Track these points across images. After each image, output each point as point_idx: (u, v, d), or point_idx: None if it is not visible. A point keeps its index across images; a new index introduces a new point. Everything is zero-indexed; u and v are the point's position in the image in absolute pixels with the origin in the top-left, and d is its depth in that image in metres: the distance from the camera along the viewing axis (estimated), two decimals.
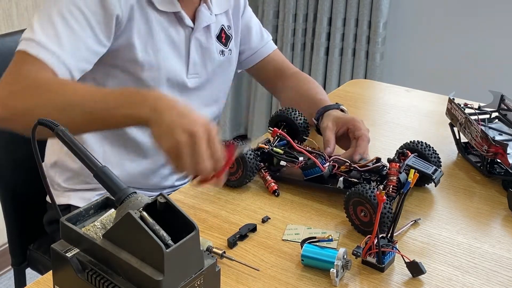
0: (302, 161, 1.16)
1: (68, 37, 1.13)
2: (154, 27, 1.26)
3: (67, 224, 0.70)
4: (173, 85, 1.31)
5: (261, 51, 1.56)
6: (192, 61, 1.34)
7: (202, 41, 1.36)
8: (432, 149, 1.20)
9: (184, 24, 1.31)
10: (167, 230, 0.65)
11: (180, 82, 1.33)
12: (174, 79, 1.31)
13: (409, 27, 2.78)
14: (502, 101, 1.36)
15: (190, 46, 1.33)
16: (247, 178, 1.17)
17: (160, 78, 1.28)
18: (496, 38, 2.58)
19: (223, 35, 1.42)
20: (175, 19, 1.30)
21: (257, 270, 0.95)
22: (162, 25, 1.27)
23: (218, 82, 1.44)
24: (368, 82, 1.97)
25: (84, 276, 0.69)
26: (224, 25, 1.42)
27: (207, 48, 1.37)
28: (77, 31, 1.14)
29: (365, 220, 1.03)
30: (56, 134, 0.73)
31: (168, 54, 1.29)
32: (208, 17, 1.35)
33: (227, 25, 1.44)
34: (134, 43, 1.23)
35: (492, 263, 0.99)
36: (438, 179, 1.13)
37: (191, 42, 1.33)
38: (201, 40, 1.36)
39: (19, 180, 1.48)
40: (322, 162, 1.15)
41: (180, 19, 1.30)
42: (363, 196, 1.01)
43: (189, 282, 0.67)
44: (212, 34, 1.38)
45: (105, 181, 0.71)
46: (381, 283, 0.93)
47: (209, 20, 1.35)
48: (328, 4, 2.82)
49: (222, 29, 1.42)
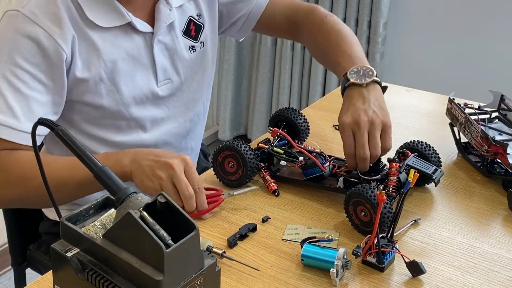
0: (302, 160, 1.16)
1: (19, 103, 1.10)
2: (102, 49, 1.17)
3: (67, 224, 0.70)
4: (142, 100, 1.25)
5: (256, 7, 1.41)
6: (160, 67, 1.25)
7: (167, 42, 1.26)
8: (433, 149, 1.20)
9: (139, 32, 1.21)
10: (167, 230, 0.65)
11: (150, 94, 1.25)
12: (142, 94, 1.24)
13: (409, 27, 2.78)
14: (502, 101, 1.36)
15: (153, 52, 1.23)
16: (247, 178, 1.17)
17: (124, 98, 1.22)
18: (496, 38, 2.58)
19: (192, 27, 1.30)
20: (129, 28, 1.20)
21: (257, 270, 0.95)
22: (112, 43, 1.18)
23: (195, 81, 1.34)
24: None
25: (84, 276, 0.69)
26: (192, 16, 1.31)
27: (174, 48, 1.27)
28: (26, 93, 1.11)
29: (365, 220, 1.02)
30: (56, 134, 0.73)
31: (126, 71, 1.21)
32: (167, 15, 1.23)
33: (196, 14, 1.32)
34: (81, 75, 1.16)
35: (492, 263, 0.99)
36: (438, 179, 1.13)
37: (154, 47, 1.23)
38: (166, 41, 1.25)
39: None
40: (322, 162, 1.15)
41: (133, 28, 1.20)
42: (363, 196, 1.01)
43: (189, 282, 0.67)
44: (177, 32, 1.27)
45: (105, 181, 0.71)
46: (381, 283, 0.93)
47: (169, 18, 1.24)
48: (328, 4, 2.82)
49: (190, 21, 1.30)
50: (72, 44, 1.14)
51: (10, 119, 1.10)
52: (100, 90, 1.19)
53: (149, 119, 1.28)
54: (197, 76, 1.35)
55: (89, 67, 1.17)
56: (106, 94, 1.20)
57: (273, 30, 1.49)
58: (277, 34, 1.52)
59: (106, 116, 1.24)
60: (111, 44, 1.18)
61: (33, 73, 1.12)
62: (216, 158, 1.18)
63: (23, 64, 1.11)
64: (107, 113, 1.23)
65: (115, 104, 1.22)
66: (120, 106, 1.23)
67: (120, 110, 1.23)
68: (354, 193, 1.03)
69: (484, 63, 2.62)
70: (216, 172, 1.19)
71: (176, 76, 1.29)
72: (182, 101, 1.33)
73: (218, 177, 1.19)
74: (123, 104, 1.23)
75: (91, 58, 1.17)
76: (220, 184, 1.19)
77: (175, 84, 1.30)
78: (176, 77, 1.29)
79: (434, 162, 1.18)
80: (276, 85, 3.09)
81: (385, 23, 2.75)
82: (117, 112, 1.23)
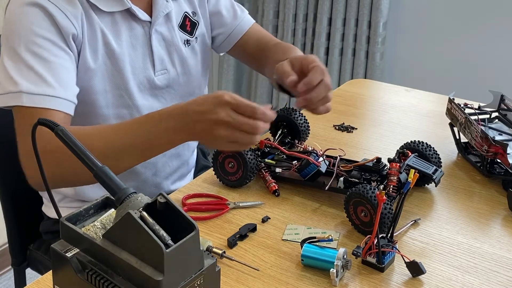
0: (296, 163, 1.16)
1: (48, 72, 1.10)
2: (105, 32, 1.19)
3: (67, 224, 0.70)
4: (140, 88, 1.26)
5: (237, 29, 1.46)
6: (158, 56, 1.28)
7: (164, 32, 1.29)
8: (433, 149, 1.20)
9: (138, 19, 1.24)
10: (167, 230, 0.65)
11: (147, 82, 1.27)
12: (140, 81, 1.26)
13: (409, 27, 2.78)
14: (502, 101, 1.36)
15: (151, 41, 1.26)
16: (247, 178, 1.17)
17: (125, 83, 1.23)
18: (496, 38, 2.58)
19: (188, 23, 1.34)
20: (128, 15, 1.23)
21: (257, 270, 0.95)
22: (113, 27, 1.21)
23: (191, 75, 1.36)
24: (368, 82, 1.97)
25: (84, 276, 0.69)
26: (187, 12, 1.34)
27: (170, 40, 1.30)
28: (52, 59, 1.11)
29: (365, 220, 1.02)
30: (56, 134, 0.73)
31: (126, 56, 1.23)
32: (164, 5, 1.27)
33: (191, 12, 1.36)
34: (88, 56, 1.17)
35: (492, 263, 0.99)
36: (438, 179, 1.13)
37: (152, 36, 1.26)
38: (162, 31, 1.29)
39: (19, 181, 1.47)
40: (315, 158, 1.15)
41: (133, 15, 1.23)
42: (364, 197, 1.01)
43: (189, 282, 0.67)
44: (174, 24, 1.31)
45: (105, 181, 0.71)
46: (381, 283, 0.93)
47: (166, 9, 1.27)
48: (328, 4, 2.82)
49: (186, 16, 1.34)
50: (81, 22, 1.16)
51: (45, 88, 1.09)
52: (103, 73, 1.21)
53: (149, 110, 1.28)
54: (193, 71, 1.36)
55: (94, 50, 1.19)
56: (108, 78, 1.22)
57: (244, 55, 1.51)
58: (246, 60, 1.53)
59: (109, 104, 1.24)
60: (112, 28, 1.21)
61: (53, 40, 1.12)
62: (217, 158, 1.18)
63: (41, 32, 1.11)
64: (109, 100, 1.23)
65: (116, 89, 1.23)
66: (122, 91, 1.24)
67: (122, 96, 1.24)
68: (354, 193, 1.03)
69: (484, 63, 2.62)
70: (216, 172, 1.19)
71: (172, 67, 1.31)
72: (179, 94, 1.34)
73: (218, 177, 1.19)
74: (124, 89, 1.24)
75: (96, 40, 1.19)
76: (220, 184, 1.19)
77: (172, 75, 1.32)
78: (172, 68, 1.31)
79: (434, 163, 1.18)
80: None
81: (385, 23, 2.75)
82: (119, 98, 1.24)
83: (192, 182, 1.22)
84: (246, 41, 1.48)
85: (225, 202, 1.13)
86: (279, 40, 1.49)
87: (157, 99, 1.30)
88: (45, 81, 1.09)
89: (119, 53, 1.22)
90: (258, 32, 1.49)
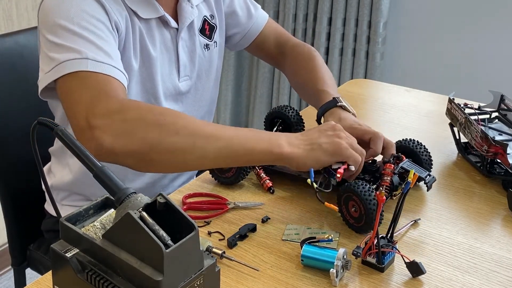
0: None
1: (105, 45, 1.09)
2: (143, 37, 1.21)
3: (66, 224, 0.70)
4: (166, 94, 1.27)
5: (253, 28, 1.48)
6: (182, 63, 1.30)
7: (187, 39, 1.31)
8: (424, 147, 1.20)
9: (169, 27, 1.26)
10: (167, 230, 0.65)
11: (173, 88, 1.29)
12: (167, 87, 1.27)
13: (409, 27, 2.78)
14: (502, 101, 1.36)
15: (178, 48, 1.28)
16: (242, 175, 1.17)
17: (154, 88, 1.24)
18: (496, 38, 2.58)
19: (207, 27, 1.35)
20: (160, 23, 1.25)
21: (257, 270, 0.95)
22: (149, 33, 1.23)
23: (207, 80, 1.38)
24: (368, 82, 1.97)
25: (83, 276, 0.69)
26: (206, 15, 1.35)
27: (192, 46, 1.32)
28: (105, 38, 1.10)
29: (355, 216, 1.03)
30: (56, 134, 0.73)
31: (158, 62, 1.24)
32: (190, 13, 1.28)
33: (209, 15, 1.37)
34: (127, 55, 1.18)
35: (492, 263, 0.99)
36: (431, 184, 1.14)
37: (179, 43, 1.28)
38: (186, 38, 1.30)
39: (19, 181, 1.48)
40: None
41: (165, 22, 1.25)
42: (352, 190, 1.02)
43: (189, 282, 0.67)
44: (195, 29, 1.32)
45: (104, 181, 0.71)
46: (381, 283, 0.93)
47: (192, 16, 1.29)
48: (328, 4, 2.82)
49: (205, 20, 1.35)
50: (126, 22, 1.17)
51: (107, 59, 1.07)
52: (139, 77, 1.22)
53: None
54: (211, 75, 1.39)
55: (135, 52, 1.20)
56: (141, 81, 1.23)
57: (262, 53, 1.54)
58: (264, 57, 1.56)
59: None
60: (148, 33, 1.22)
61: (105, 23, 1.12)
62: None
63: (94, 14, 1.11)
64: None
65: (145, 92, 1.24)
66: (150, 96, 1.25)
67: (150, 100, 1.25)
68: (344, 189, 1.04)
69: (484, 63, 2.62)
70: (211, 171, 1.19)
71: (192, 73, 1.33)
72: (194, 99, 1.36)
73: (213, 176, 1.19)
74: (152, 93, 1.25)
75: (136, 43, 1.20)
76: (215, 183, 1.19)
77: (193, 81, 1.34)
78: (193, 74, 1.34)
79: (425, 161, 1.18)
80: (276, 85, 3.09)
81: (385, 23, 2.75)
82: (147, 102, 1.24)
83: (192, 182, 1.23)
84: (263, 39, 1.50)
85: (225, 202, 1.13)
86: (294, 39, 1.51)
87: (176, 104, 1.32)
88: (106, 53, 1.08)
89: (154, 58, 1.23)
90: (274, 30, 1.51)
